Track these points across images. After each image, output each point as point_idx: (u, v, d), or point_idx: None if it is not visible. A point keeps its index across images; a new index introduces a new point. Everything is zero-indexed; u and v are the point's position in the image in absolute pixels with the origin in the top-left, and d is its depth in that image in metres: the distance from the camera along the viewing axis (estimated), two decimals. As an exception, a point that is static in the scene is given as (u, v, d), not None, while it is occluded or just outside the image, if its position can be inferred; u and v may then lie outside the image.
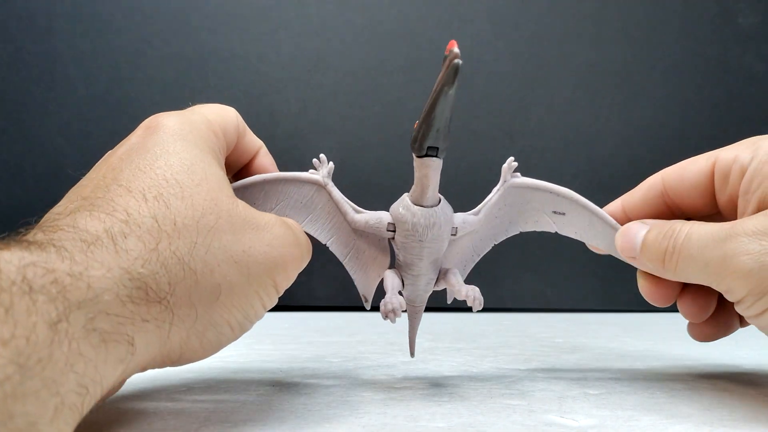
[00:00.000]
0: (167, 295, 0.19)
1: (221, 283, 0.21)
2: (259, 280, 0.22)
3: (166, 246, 0.19)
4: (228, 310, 0.21)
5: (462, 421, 0.22)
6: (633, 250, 0.27)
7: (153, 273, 0.18)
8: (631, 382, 0.30)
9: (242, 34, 0.74)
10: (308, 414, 0.23)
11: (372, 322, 0.60)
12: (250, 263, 0.22)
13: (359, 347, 0.42)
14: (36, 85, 0.72)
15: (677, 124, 0.76)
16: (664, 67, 0.76)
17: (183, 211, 0.20)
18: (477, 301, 0.26)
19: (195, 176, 0.21)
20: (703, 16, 0.76)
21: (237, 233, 0.21)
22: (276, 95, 0.74)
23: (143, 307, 0.18)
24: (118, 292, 0.17)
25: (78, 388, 0.15)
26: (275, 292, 0.23)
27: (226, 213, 0.21)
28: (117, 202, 0.20)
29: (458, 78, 0.22)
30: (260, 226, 0.23)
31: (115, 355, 0.17)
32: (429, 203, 0.26)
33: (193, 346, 0.21)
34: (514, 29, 0.75)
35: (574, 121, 0.75)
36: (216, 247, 0.21)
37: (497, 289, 0.72)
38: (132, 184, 0.20)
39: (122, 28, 0.73)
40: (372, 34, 0.75)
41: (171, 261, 0.19)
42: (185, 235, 0.20)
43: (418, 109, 0.21)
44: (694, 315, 0.29)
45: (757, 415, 0.23)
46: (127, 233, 0.19)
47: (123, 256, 0.18)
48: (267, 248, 0.22)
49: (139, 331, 0.18)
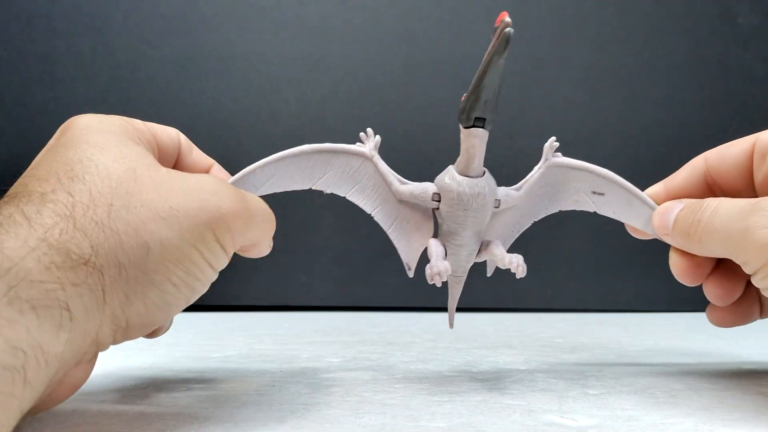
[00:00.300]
0: (90, 257, 0.19)
1: (148, 240, 0.20)
2: (194, 233, 0.21)
3: (81, 213, 0.20)
4: (165, 267, 0.21)
5: (462, 421, 0.22)
6: (666, 227, 0.28)
7: (71, 238, 0.19)
8: (631, 382, 0.30)
9: (242, 34, 0.74)
10: (308, 414, 0.23)
11: (372, 322, 0.60)
12: (180, 217, 0.21)
13: (359, 347, 0.42)
14: (36, 85, 0.72)
15: (677, 124, 0.76)
16: (664, 67, 0.76)
17: (98, 182, 0.21)
18: (521, 268, 0.27)
19: (109, 154, 0.22)
20: (703, 16, 0.76)
21: (161, 192, 0.21)
22: (276, 95, 0.74)
23: (70, 272, 0.18)
24: (39, 259, 0.18)
25: (9, 349, 0.16)
26: (219, 247, 0.22)
27: (146, 176, 0.21)
28: (31, 187, 0.20)
29: (509, 48, 0.23)
30: (190, 184, 0.22)
31: (50, 321, 0.17)
32: (474, 173, 0.27)
33: (138, 309, 0.21)
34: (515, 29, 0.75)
35: (574, 121, 0.75)
36: (137, 206, 0.21)
37: (497, 289, 0.72)
38: (46, 172, 0.21)
39: (122, 28, 0.73)
40: (372, 34, 0.75)
41: (89, 225, 0.19)
42: (101, 202, 0.20)
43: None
44: (719, 298, 0.30)
45: (757, 415, 0.23)
46: (41, 210, 0.19)
47: (38, 228, 0.18)
48: (198, 202, 0.22)
49: (72, 296, 0.18)
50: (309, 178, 0.29)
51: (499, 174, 0.30)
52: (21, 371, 0.16)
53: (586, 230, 0.73)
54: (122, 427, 0.21)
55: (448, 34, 0.74)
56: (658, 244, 0.31)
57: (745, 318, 0.31)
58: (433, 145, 0.69)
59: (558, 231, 0.73)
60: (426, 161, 0.67)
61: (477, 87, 0.24)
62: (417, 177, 0.30)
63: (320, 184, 0.30)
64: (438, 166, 0.29)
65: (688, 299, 0.70)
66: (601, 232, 0.73)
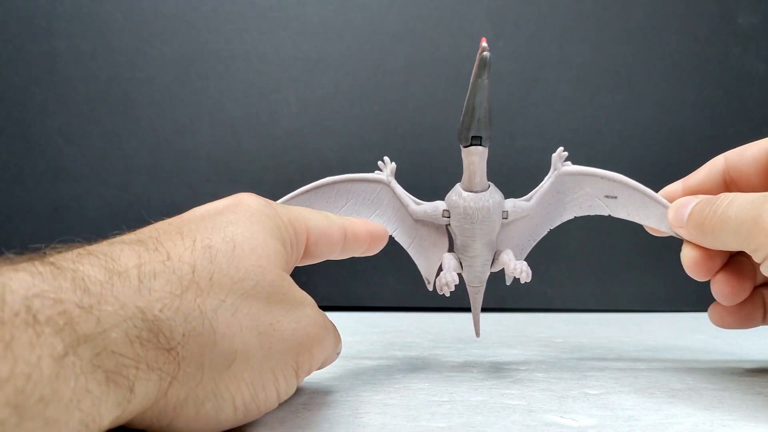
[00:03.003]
0: (178, 345, 0.18)
1: (238, 350, 0.19)
2: (280, 358, 0.21)
3: (192, 297, 0.18)
4: (237, 384, 0.19)
5: (462, 421, 0.22)
6: (681, 220, 0.29)
7: (169, 319, 0.17)
8: (631, 382, 0.30)
9: (242, 34, 0.74)
10: (308, 414, 0.23)
11: (372, 322, 0.60)
12: (275, 338, 0.20)
13: (359, 347, 0.42)
14: (36, 85, 0.72)
15: (677, 124, 0.76)
16: (664, 67, 0.76)
17: (224, 269, 0.19)
18: (524, 273, 0.29)
19: (252, 242, 0.21)
20: (703, 16, 0.76)
21: (270, 305, 0.20)
22: (276, 95, 0.74)
23: (151, 353, 0.17)
24: (128, 330, 0.16)
25: (80, 426, 0.14)
26: (294, 375, 0.22)
27: (268, 283, 0.21)
28: (163, 242, 0.19)
29: (488, 69, 0.26)
30: (294, 304, 0.22)
31: (115, 398, 0.16)
32: (478, 188, 0.29)
33: (187, 414, 0.19)
34: (514, 29, 0.75)
35: (574, 121, 0.75)
36: (244, 312, 0.20)
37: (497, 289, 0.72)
38: (188, 230, 0.20)
39: (122, 28, 0.73)
40: (372, 34, 0.75)
41: (193, 313, 0.18)
42: (217, 292, 0.19)
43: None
44: (725, 296, 0.30)
45: (757, 414, 0.23)
46: (158, 274, 0.18)
47: (144, 294, 0.17)
48: (295, 325, 0.21)
49: (141, 378, 0.17)
50: (333, 207, 0.32)
51: (499, 174, 0.30)
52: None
53: (585, 230, 0.73)
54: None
55: (448, 34, 0.74)
56: (658, 245, 0.31)
57: (747, 322, 0.31)
58: (434, 145, 0.69)
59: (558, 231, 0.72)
60: (426, 161, 0.67)
61: (467, 108, 0.27)
62: (417, 176, 0.30)
63: (344, 211, 0.32)
64: (438, 165, 0.30)
65: (688, 299, 0.70)
66: (600, 232, 0.73)
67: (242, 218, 0.22)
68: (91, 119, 0.72)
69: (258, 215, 0.22)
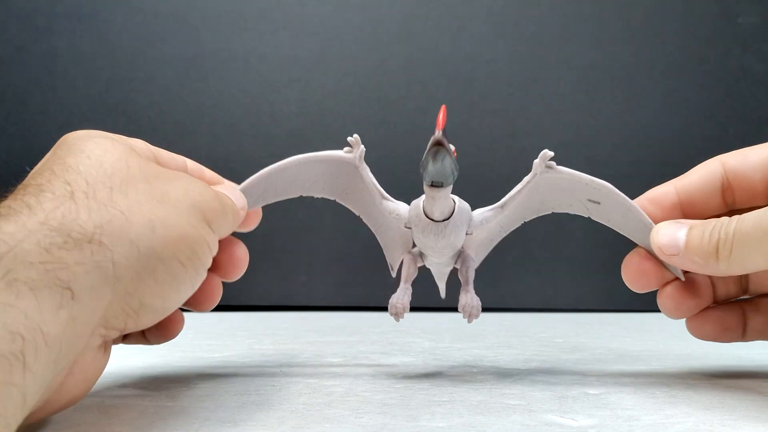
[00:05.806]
0: (95, 235, 0.19)
1: (152, 218, 0.21)
2: (190, 215, 0.22)
3: (82, 197, 0.20)
4: (172, 244, 0.21)
5: (462, 421, 0.22)
6: (676, 248, 0.27)
7: (74, 219, 0.19)
8: (631, 382, 0.30)
9: (242, 34, 0.74)
10: (308, 414, 0.23)
11: (372, 322, 0.60)
12: (173, 200, 0.22)
13: (359, 347, 0.42)
14: (36, 85, 0.72)
15: (677, 124, 0.76)
16: (664, 67, 0.76)
17: (93, 171, 0.21)
18: (472, 317, 0.28)
19: (100, 147, 0.22)
20: (703, 16, 0.76)
21: (151, 181, 0.22)
22: (276, 95, 0.74)
23: (73, 251, 0.18)
24: (39, 241, 0.18)
25: (7, 334, 0.16)
26: (210, 229, 0.24)
27: (136, 166, 0.22)
28: (27, 183, 0.21)
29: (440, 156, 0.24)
30: (172, 176, 0.23)
31: (49, 302, 0.17)
32: (439, 219, 0.28)
33: (149, 286, 0.21)
34: (514, 29, 0.75)
35: (574, 121, 0.75)
36: (133, 192, 0.21)
37: (497, 289, 0.72)
38: (40, 169, 0.22)
39: (122, 28, 0.73)
40: (372, 34, 0.75)
41: (92, 206, 0.20)
42: (100, 189, 0.21)
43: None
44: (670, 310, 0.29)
45: (757, 414, 0.23)
46: (40, 197, 0.19)
47: (38, 213, 0.19)
48: (184, 191, 0.23)
49: (76, 275, 0.18)
50: (299, 187, 0.30)
51: (499, 173, 0.30)
52: (20, 357, 0.16)
53: (586, 230, 0.73)
54: (122, 428, 0.21)
55: (448, 34, 0.74)
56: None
57: (723, 334, 0.30)
58: (433, 145, 0.69)
59: (558, 231, 0.73)
60: (426, 161, 0.67)
61: (425, 162, 0.25)
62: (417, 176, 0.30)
63: (310, 190, 0.31)
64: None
65: (688, 299, 0.70)
66: (601, 233, 0.73)
67: (74, 143, 0.23)
68: (91, 119, 0.72)
69: (87, 136, 0.24)
